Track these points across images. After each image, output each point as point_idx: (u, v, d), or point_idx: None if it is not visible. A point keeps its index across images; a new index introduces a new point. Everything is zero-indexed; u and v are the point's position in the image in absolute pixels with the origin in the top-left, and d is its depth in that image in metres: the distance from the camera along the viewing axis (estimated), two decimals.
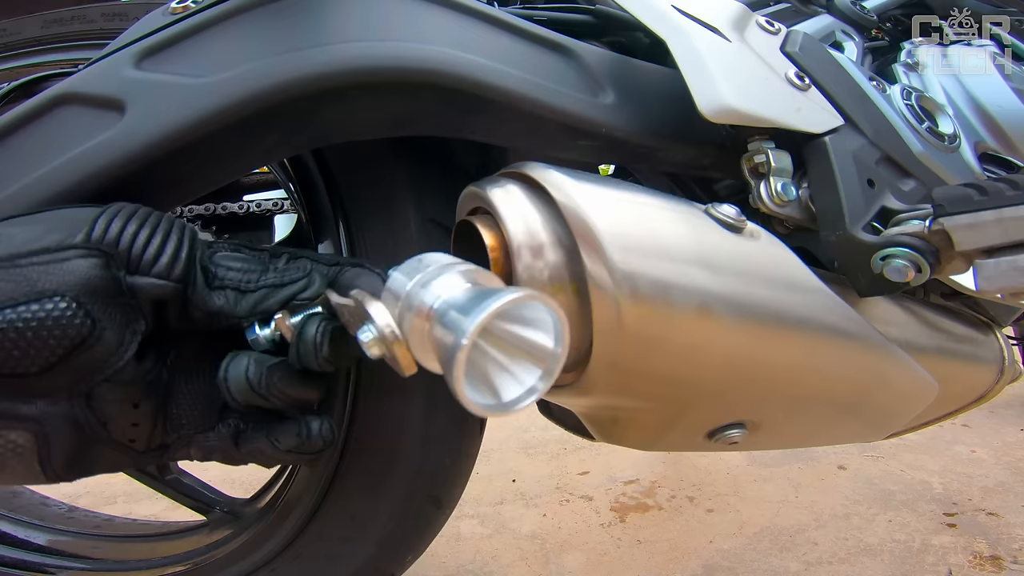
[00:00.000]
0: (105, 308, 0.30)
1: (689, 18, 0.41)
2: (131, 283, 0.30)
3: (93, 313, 0.29)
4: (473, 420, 0.54)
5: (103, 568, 0.68)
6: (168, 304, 0.32)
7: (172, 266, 0.31)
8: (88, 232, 0.30)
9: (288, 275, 0.34)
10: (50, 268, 0.29)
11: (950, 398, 0.52)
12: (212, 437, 0.35)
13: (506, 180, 0.36)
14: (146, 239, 0.31)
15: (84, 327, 0.29)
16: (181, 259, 0.31)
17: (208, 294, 0.33)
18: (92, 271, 0.29)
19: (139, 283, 0.30)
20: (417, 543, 0.59)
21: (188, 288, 0.32)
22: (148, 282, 0.31)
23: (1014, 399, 1.51)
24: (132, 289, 0.30)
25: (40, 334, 0.28)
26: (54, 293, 0.28)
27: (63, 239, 0.29)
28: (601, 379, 0.35)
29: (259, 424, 0.34)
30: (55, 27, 0.57)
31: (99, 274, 0.29)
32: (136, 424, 0.33)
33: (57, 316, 0.28)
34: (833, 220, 0.39)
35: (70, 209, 0.32)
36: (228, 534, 0.63)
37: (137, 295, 0.31)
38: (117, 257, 0.30)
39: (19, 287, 0.28)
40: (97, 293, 0.29)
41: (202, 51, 0.37)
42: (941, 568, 0.91)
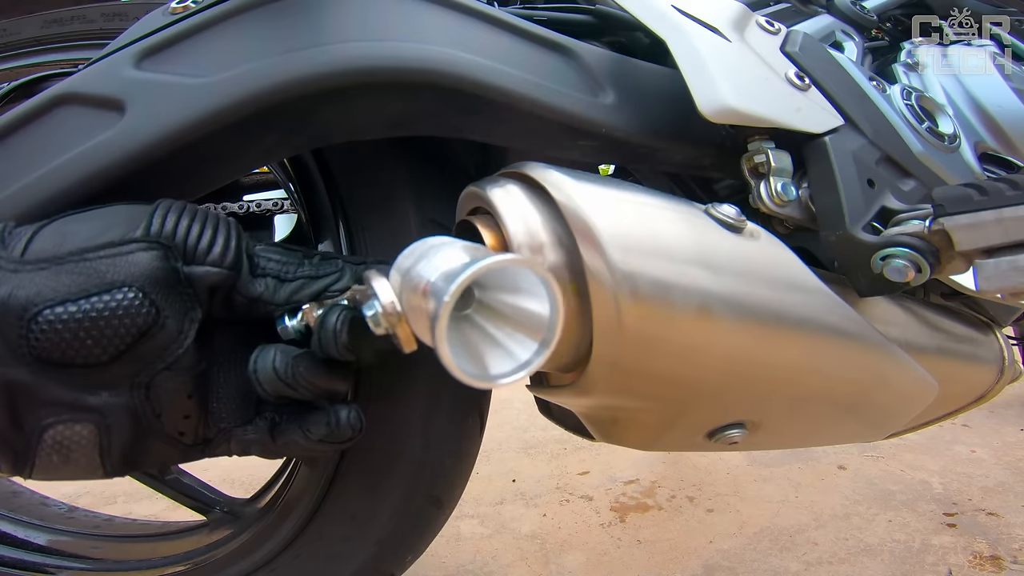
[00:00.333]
0: (167, 297, 0.32)
1: (689, 18, 0.41)
2: (188, 272, 0.32)
3: (157, 302, 0.31)
4: (473, 420, 0.54)
5: (103, 568, 0.68)
6: (217, 292, 0.34)
7: (224, 255, 0.33)
8: (147, 226, 0.32)
9: (322, 269, 0.36)
10: (117, 261, 0.31)
11: (950, 398, 0.52)
12: (250, 431, 0.36)
13: (506, 180, 0.36)
14: (199, 232, 0.33)
15: (150, 315, 0.31)
16: (231, 248, 0.34)
17: (251, 281, 0.35)
18: (154, 262, 0.31)
19: (196, 272, 0.33)
20: (417, 543, 0.59)
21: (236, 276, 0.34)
22: (204, 270, 0.33)
23: (1014, 399, 1.51)
24: (190, 278, 0.33)
25: (111, 323, 0.30)
26: (122, 284, 0.30)
27: (125, 233, 0.32)
28: (601, 379, 0.35)
29: (292, 416, 0.36)
30: (55, 27, 0.57)
31: (160, 265, 0.31)
32: (188, 416, 0.35)
33: (126, 305, 0.30)
34: (833, 220, 0.39)
35: (123, 206, 0.34)
36: (228, 534, 0.63)
37: (194, 284, 0.33)
38: (175, 249, 0.32)
39: (90, 279, 0.30)
40: (159, 283, 0.31)
41: (202, 51, 0.37)
42: (941, 568, 0.91)
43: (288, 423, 0.36)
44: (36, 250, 0.31)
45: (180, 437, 0.35)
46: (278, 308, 0.35)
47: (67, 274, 0.30)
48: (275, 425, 0.36)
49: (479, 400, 0.54)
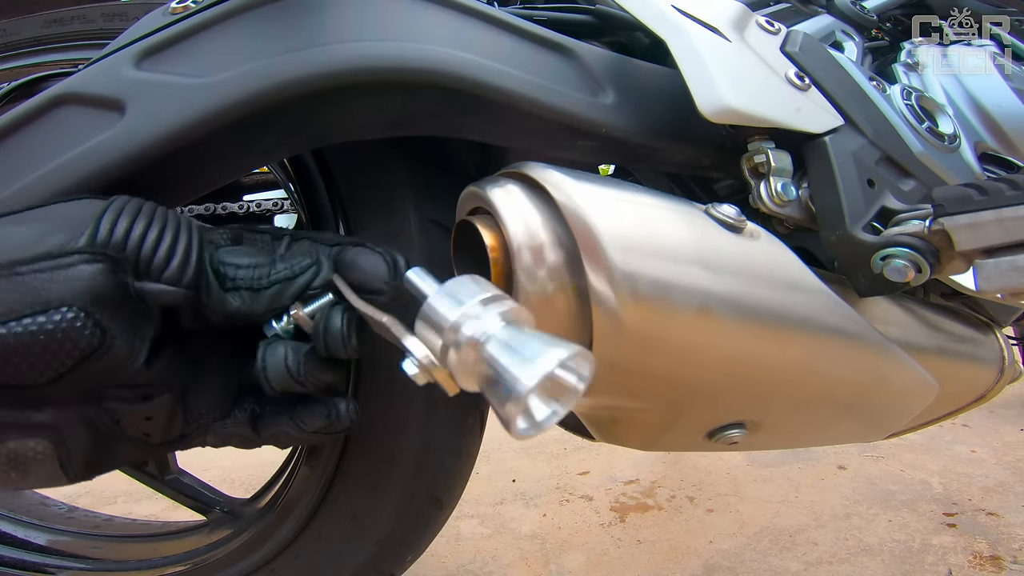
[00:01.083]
0: (114, 316, 0.28)
1: (689, 18, 0.41)
2: (140, 288, 0.29)
3: (102, 322, 0.28)
4: (473, 420, 0.54)
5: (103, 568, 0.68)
6: (180, 309, 0.31)
7: (183, 270, 0.29)
8: (92, 234, 0.28)
9: (297, 264, 0.33)
10: (55, 275, 0.27)
11: (950, 398, 0.52)
12: (230, 423, 0.34)
13: (506, 180, 0.36)
14: (155, 240, 0.29)
15: (94, 338, 0.28)
16: (191, 263, 0.30)
17: (224, 297, 0.32)
18: (98, 278, 0.27)
19: (149, 289, 0.29)
20: (417, 543, 0.59)
21: (202, 293, 0.31)
22: (159, 288, 0.29)
23: (1014, 399, 1.51)
24: (141, 295, 0.29)
25: (48, 346, 0.27)
26: (60, 303, 0.27)
27: (66, 242, 0.27)
28: (601, 379, 0.35)
29: (277, 408, 0.35)
30: (55, 27, 0.57)
31: (106, 281, 0.28)
32: (150, 418, 0.32)
33: (65, 328, 0.27)
34: (833, 220, 0.39)
35: (72, 203, 0.30)
36: (228, 534, 0.63)
37: (146, 300, 0.29)
38: (125, 261, 0.28)
39: (23, 297, 0.26)
40: (105, 301, 0.28)
41: (202, 51, 0.37)
42: (941, 568, 0.91)
43: (274, 415, 0.35)
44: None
45: (146, 438, 0.33)
46: (259, 317, 0.33)
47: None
48: (257, 417, 0.35)
49: (479, 400, 0.54)
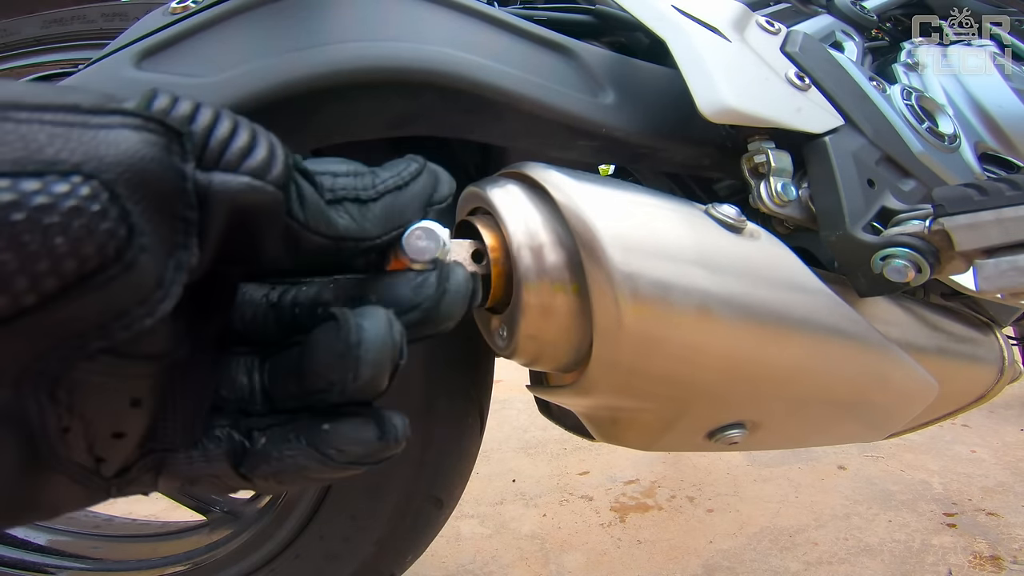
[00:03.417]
0: (152, 214, 0.17)
1: (689, 18, 0.41)
2: (207, 181, 0.18)
3: (132, 216, 0.16)
4: (473, 420, 0.54)
5: (103, 568, 0.68)
6: (260, 228, 0.20)
7: (271, 161, 0.20)
8: (148, 100, 0.19)
9: (404, 169, 0.25)
10: (73, 133, 0.16)
11: (950, 398, 0.52)
12: (196, 456, 0.22)
13: (506, 180, 0.36)
14: (230, 127, 0.20)
15: (114, 238, 0.16)
16: (279, 156, 0.20)
17: (327, 211, 0.22)
18: (145, 149, 0.17)
19: (223, 182, 0.19)
20: (417, 543, 0.59)
21: (294, 202, 0.21)
22: (240, 182, 0.19)
23: (1014, 399, 1.51)
24: (206, 192, 0.18)
25: (30, 238, 0.15)
26: (73, 168, 0.16)
27: (105, 101, 0.18)
28: (601, 379, 0.35)
29: (284, 432, 0.22)
30: (55, 27, 0.57)
31: (155, 156, 0.17)
32: (121, 435, 0.20)
33: (71, 209, 0.15)
34: (833, 220, 0.39)
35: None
36: (228, 534, 0.63)
37: (209, 203, 0.18)
38: (187, 140, 0.18)
39: (14, 148, 0.15)
40: (147, 186, 0.17)
41: (202, 51, 0.37)
42: (941, 568, 0.91)
43: (278, 444, 0.22)
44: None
45: (97, 467, 0.20)
46: (372, 246, 0.23)
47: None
48: (242, 449, 0.23)
49: (479, 399, 0.54)
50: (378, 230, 0.23)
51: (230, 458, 0.22)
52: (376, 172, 0.24)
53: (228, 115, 0.20)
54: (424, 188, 0.25)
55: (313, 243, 0.21)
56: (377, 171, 0.24)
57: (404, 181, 0.25)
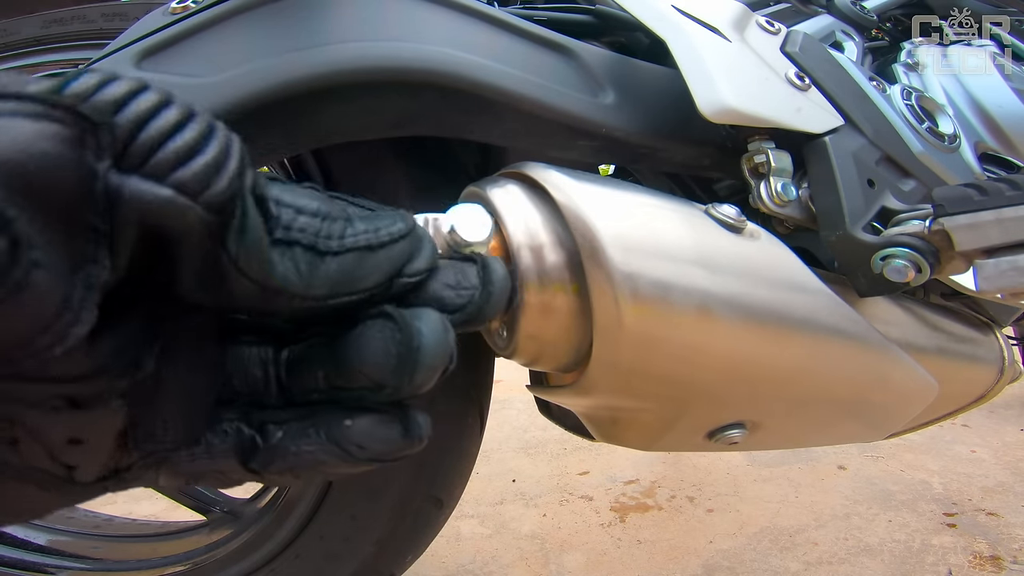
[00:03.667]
0: (49, 225, 0.14)
1: (689, 18, 0.41)
2: (119, 186, 0.15)
3: (18, 228, 0.13)
4: (473, 419, 0.54)
5: (103, 568, 0.68)
6: (178, 254, 0.17)
7: (213, 175, 0.16)
8: (63, 82, 0.15)
9: (384, 227, 0.21)
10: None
11: (950, 398, 0.52)
12: (199, 453, 0.21)
13: (506, 180, 0.36)
14: (174, 122, 0.16)
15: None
16: (229, 169, 0.16)
17: (267, 253, 0.18)
18: (43, 143, 0.14)
19: (138, 190, 0.15)
20: (417, 543, 0.59)
21: (231, 231, 0.17)
22: (157, 193, 0.15)
23: (1014, 399, 1.51)
24: (115, 199, 0.15)
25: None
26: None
27: (4, 84, 0.15)
28: (601, 379, 0.35)
29: (303, 427, 0.21)
30: (55, 27, 0.57)
31: (56, 151, 0.14)
32: (77, 441, 0.18)
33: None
34: (833, 220, 0.39)
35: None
36: (228, 534, 0.63)
37: (119, 212, 0.15)
38: (105, 132, 0.15)
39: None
40: (41, 188, 0.14)
41: (202, 51, 0.37)
42: (941, 568, 0.91)
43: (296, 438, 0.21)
44: None
45: (70, 473, 0.19)
46: (313, 308, 0.19)
47: None
48: (251, 444, 0.21)
49: (479, 399, 0.54)
50: (324, 291, 0.19)
51: (238, 453, 0.21)
52: (351, 220, 0.20)
53: (180, 105, 0.17)
54: (398, 256, 0.21)
55: (240, 285, 0.18)
56: (353, 219, 0.20)
57: (380, 241, 0.21)
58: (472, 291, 0.23)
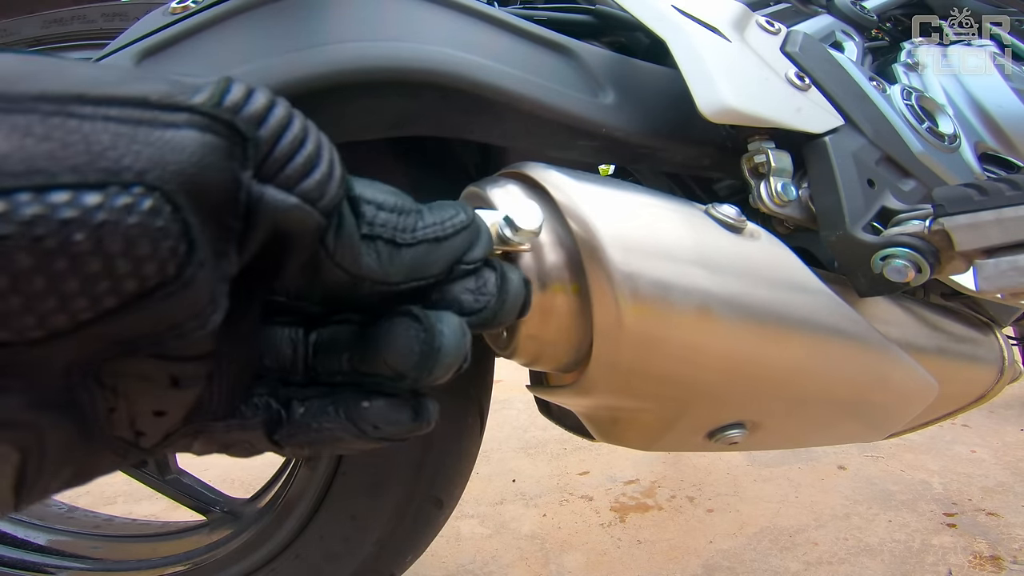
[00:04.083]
0: (208, 226, 0.16)
1: (689, 18, 0.41)
2: (259, 194, 0.17)
3: (193, 231, 0.15)
4: (473, 420, 0.54)
5: (103, 568, 0.68)
6: (290, 248, 0.19)
7: (326, 184, 0.19)
8: (220, 92, 0.17)
9: (449, 219, 0.23)
10: (139, 133, 0.15)
11: (950, 398, 0.52)
12: (233, 425, 0.23)
13: (506, 180, 0.36)
14: (299, 133, 0.18)
15: (175, 255, 0.15)
16: (336, 178, 0.19)
17: (358, 246, 0.20)
18: (209, 155, 0.16)
19: (275, 199, 0.17)
20: (417, 543, 0.59)
21: (330, 231, 0.19)
22: (290, 202, 0.18)
23: (1014, 399, 1.51)
24: (255, 205, 0.17)
25: (86, 260, 0.14)
26: (136, 178, 0.14)
27: (173, 93, 0.16)
28: (601, 379, 0.35)
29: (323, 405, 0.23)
30: (55, 27, 0.57)
31: (218, 163, 0.16)
32: (162, 413, 0.20)
33: (134, 224, 0.14)
34: (833, 220, 0.39)
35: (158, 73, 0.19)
36: (228, 534, 0.63)
37: (256, 217, 0.17)
38: (251, 145, 0.17)
39: (66, 151, 0.14)
40: (206, 196, 0.16)
41: (202, 51, 0.37)
42: (941, 568, 0.91)
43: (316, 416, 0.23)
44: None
45: (136, 440, 0.20)
46: (385, 291, 0.22)
47: (21, 132, 0.14)
48: (277, 417, 0.23)
49: (479, 399, 0.54)
50: (400, 277, 0.22)
51: (265, 426, 0.23)
52: (422, 213, 0.23)
53: (299, 119, 0.19)
54: (460, 245, 0.24)
55: (332, 275, 0.20)
56: (423, 212, 0.23)
57: (446, 233, 0.23)
58: (490, 298, 0.25)
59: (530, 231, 0.28)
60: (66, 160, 0.14)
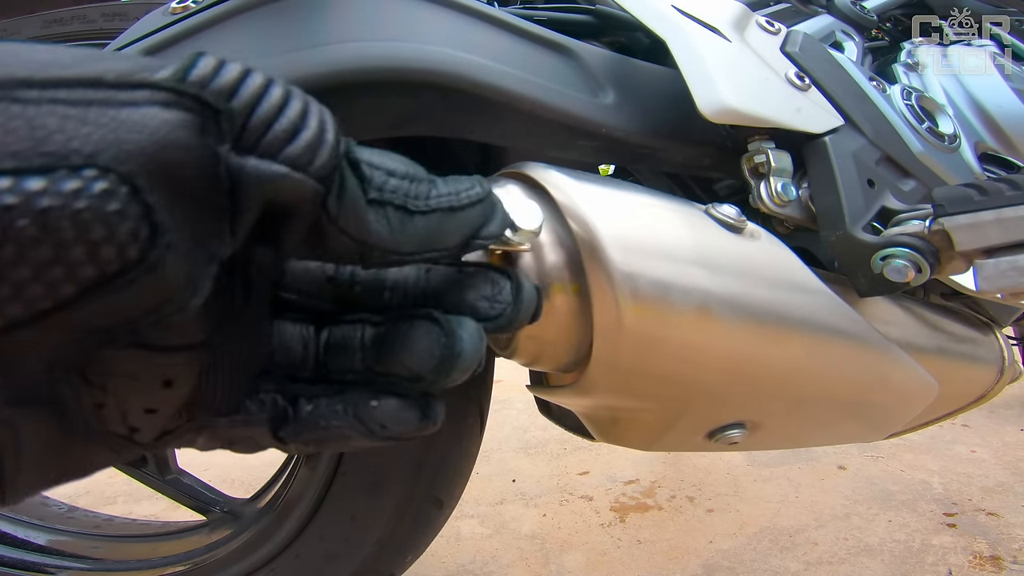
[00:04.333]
0: (178, 208, 0.16)
1: (689, 18, 0.41)
2: (240, 166, 0.16)
3: (156, 212, 0.15)
4: (473, 420, 0.54)
5: (103, 568, 0.68)
6: (290, 219, 0.18)
7: (316, 148, 0.18)
8: (184, 67, 0.16)
9: (464, 190, 0.23)
10: (90, 114, 0.14)
11: (950, 398, 0.52)
12: (237, 421, 0.23)
13: (506, 180, 0.36)
14: (280, 100, 0.18)
15: (135, 239, 0.15)
16: (327, 141, 0.18)
17: (364, 211, 0.19)
18: (173, 133, 0.15)
19: (257, 169, 0.17)
20: (417, 543, 0.59)
21: (331, 195, 0.18)
22: (275, 171, 0.17)
23: (1014, 399, 1.51)
24: (237, 180, 0.16)
25: (40, 240, 0.14)
26: (88, 160, 0.14)
27: (134, 71, 0.15)
28: (601, 379, 0.35)
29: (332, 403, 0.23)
30: (55, 27, 0.57)
31: (185, 140, 0.15)
32: (153, 410, 0.20)
33: (86, 208, 0.14)
34: (833, 220, 0.39)
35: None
36: (228, 534, 0.63)
37: (242, 191, 0.17)
38: (225, 117, 0.16)
39: (6, 138, 0.14)
40: (173, 177, 0.15)
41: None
42: (941, 568, 0.91)
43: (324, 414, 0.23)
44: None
45: (130, 435, 0.20)
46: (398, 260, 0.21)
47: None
48: (283, 415, 0.23)
49: (479, 399, 0.54)
50: (412, 247, 0.21)
51: (271, 423, 0.23)
52: (435, 182, 0.22)
53: (279, 85, 0.18)
54: (476, 218, 0.23)
55: (339, 242, 0.20)
56: (437, 182, 0.22)
57: (460, 204, 0.22)
58: (505, 305, 0.25)
59: (530, 231, 0.28)
60: (6, 147, 0.13)
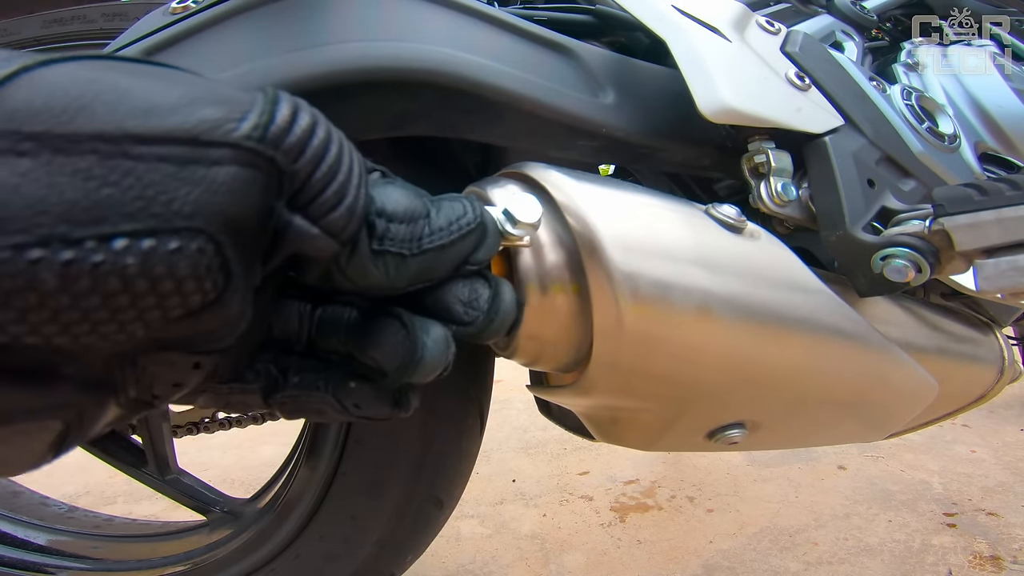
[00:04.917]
0: (243, 255, 0.18)
1: (689, 18, 0.41)
2: (288, 223, 0.19)
3: (231, 264, 0.18)
4: (473, 420, 0.54)
5: (103, 568, 0.68)
6: (304, 264, 0.21)
7: (350, 216, 0.20)
8: (266, 120, 0.18)
9: (456, 223, 0.24)
10: (186, 172, 0.16)
11: (950, 398, 0.52)
12: (236, 387, 0.25)
13: (506, 180, 0.36)
14: (335, 160, 0.19)
15: (216, 286, 0.17)
16: (359, 207, 0.20)
17: (369, 262, 0.22)
18: (249, 192, 0.17)
19: (300, 228, 0.19)
20: (417, 543, 0.59)
21: (344, 251, 0.21)
22: (314, 233, 0.19)
23: (1014, 399, 1.51)
24: (282, 232, 0.19)
25: (143, 296, 0.16)
26: (187, 223, 0.16)
27: (221, 122, 0.17)
28: (601, 379, 0.35)
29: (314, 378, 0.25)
30: (55, 27, 0.57)
31: (256, 199, 0.17)
32: (180, 384, 0.22)
33: (183, 265, 0.16)
34: (833, 220, 0.39)
35: (213, 82, 0.19)
36: (228, 534, 0.63)
37: (284, 241, 0.19)
38: (287, 179, 0.18)
39: (124, 196, 0.15)
40: (244, 230, 0.18)
41: (202, 51, 0.37)
42: (941, 568, 0.91)
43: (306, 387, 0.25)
44: (18, 106, 0.15)
45: (152, 401, 0.22)
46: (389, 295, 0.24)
47: (80, 177, 0.15)
48: (274, 384, 0.25)
49: (479, 399, 0.54)
50: (404, 283, 0.23)
51: (263, 391, 0.25)
52: (431, 218, 0.24)
53: (336, 141, 0.20)
54: (466, 248, 0.25)
55: (341, 284, 0.22)
56: (431, 216, 0.24)
57: (451, 240, 0.24)
58: (479, 314, 0.26)
59: (529, 224, 0.28)
60: (124, 207, 0.15)
